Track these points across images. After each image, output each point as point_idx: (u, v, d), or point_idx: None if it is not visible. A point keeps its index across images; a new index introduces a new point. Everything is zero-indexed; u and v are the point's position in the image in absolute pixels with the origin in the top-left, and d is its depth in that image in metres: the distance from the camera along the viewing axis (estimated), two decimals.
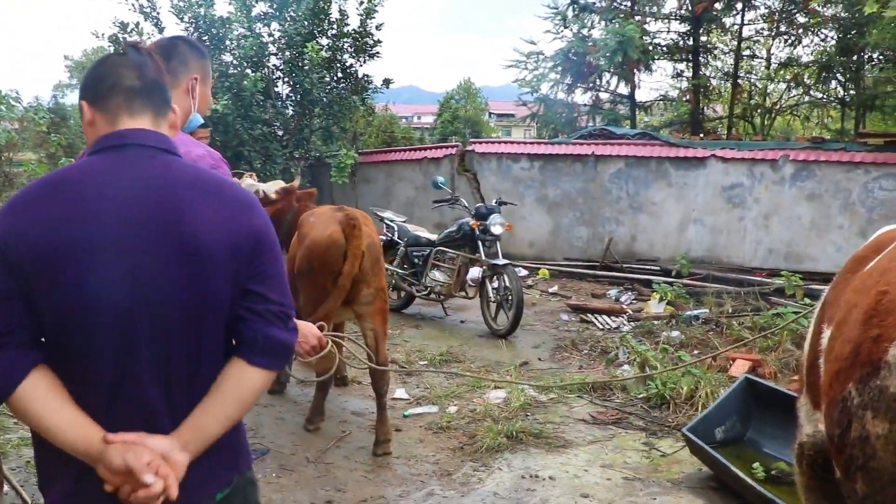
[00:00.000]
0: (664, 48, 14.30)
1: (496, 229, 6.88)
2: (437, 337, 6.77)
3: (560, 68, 13.89)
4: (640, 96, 14.84)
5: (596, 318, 7.39)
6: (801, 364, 2.13)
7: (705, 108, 15.20)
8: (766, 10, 13.96)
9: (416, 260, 7.49)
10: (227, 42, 10.33)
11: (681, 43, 14.31)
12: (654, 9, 14.28)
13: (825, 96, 14.84)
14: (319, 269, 3.94)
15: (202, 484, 1.47)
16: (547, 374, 5.60)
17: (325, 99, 10.87)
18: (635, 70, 13.70)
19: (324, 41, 10.84)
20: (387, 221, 7.80)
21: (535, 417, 4.65)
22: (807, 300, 6.91)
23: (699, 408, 4.52)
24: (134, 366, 1.38)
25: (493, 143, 11.70)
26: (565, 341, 6.55)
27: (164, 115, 1.53)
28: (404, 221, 7.98)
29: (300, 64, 10.49)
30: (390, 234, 7.62)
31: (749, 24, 14.16)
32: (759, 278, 8.27)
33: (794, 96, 15.22)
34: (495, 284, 6.86)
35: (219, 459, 1.49)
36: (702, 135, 12.13)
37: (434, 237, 7.50)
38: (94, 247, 1.34)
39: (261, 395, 1.54)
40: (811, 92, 14.69)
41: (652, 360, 5.24)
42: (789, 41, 14.25)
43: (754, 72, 15.61)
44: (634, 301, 8.15)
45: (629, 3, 13.78)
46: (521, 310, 6.58)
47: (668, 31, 14.36)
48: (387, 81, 11.48)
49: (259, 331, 1.46)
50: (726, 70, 15.06)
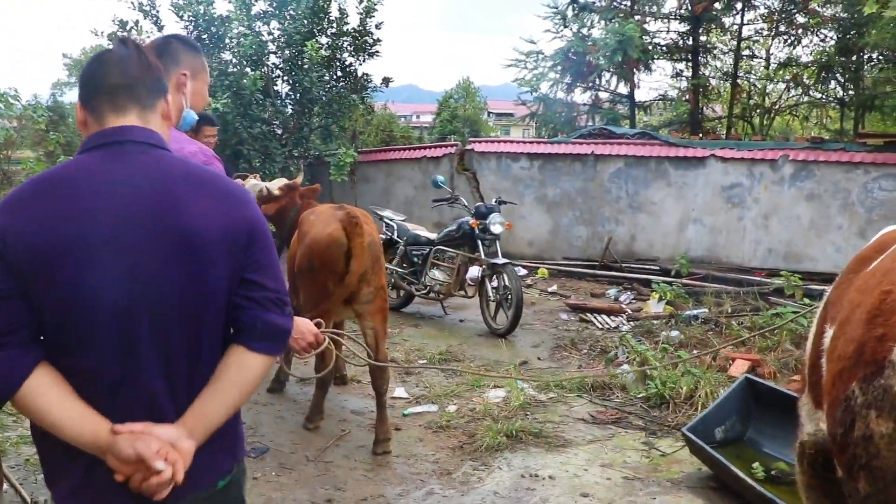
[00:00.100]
0: (664, 48, 14.29)
1: (496, 228, 6.87)
2: (436, 336, 6.76)
3: (560, 67, 13.88)
4: (639, 96, 14.86)
5: (595, 317, 7.39)
6: (803, 363, 2.13)
7: (704, 108, 15.20)
8: (766, 10, 13.97)
9: (416, 259, 7.48)
10: (227, 40, 10.31)
11: (680, 42, 14.31)
12: (654, 8, 14.28)
13: (824, 96, 14.84)
14: (320, 268, 3.94)
15: (206, 472, 1.50)
16: (546, 374, 5.60)
17: (324, 98, 10.86)
18: (635, 69, 13.70)
19: (323, 40, 10.84)
20: (386, 220, 7.79)
21: (534, 417, 4.65)
22: (806, 300, 6.92)
23: (699, 407, 4.52)
24: (136, 360, 1.39)
25: (492, 142, 11.68)
26: (564, 341, 6.56)
27: (151, 108, 1.52)
28: (404, 220, 7.97)
29: (300, 62, 10.48)
30: (390, 233, 7.61)
31: (748, 23, 14.18)
32: (758, 278, 8.27)
33: (794, 96, 15.22)
34: (495, 284, 6.85)
35: (220, 446, 1.52)
36: (700, 135, 12.13)
37: (433, 236, 7.49)
38: (91, 244, 1.34)
39: (261, 380, 1.56)
40: (810, 92, 14.69)
41: (651, 359, 5.24)
42: (789, 41, 14.26)
43: (753, 72, 15.61)
44: (634, 301, 8.15)
45: (629, 3, 13.77)
46: (521, 309, 6.57)
47: (668, 31, 14.38)
48: (386, 80, 11.48)
49: (258, 317, 1.49)
50: (726, 70, 15.06)
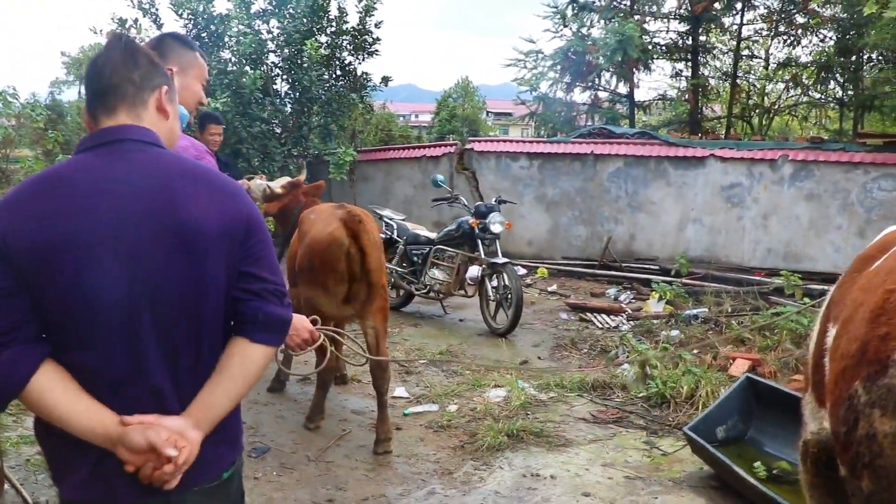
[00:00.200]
0: (663, 47, 14.29)
1: (496, 228, 6.87)
2: (436, 335, 6.76)
3: (559, 67, 13.88)
4: (638, 95, 14.85)
5: (595, 317, 7.39)
6: (806, 362, 2.13)
7: (704, 108, 15.20)
8: (766, 10, 13.96)
9: (416, 258, 7.48)
10: (226, 39, 10.29)
11: (680, 42, 14.31)
12: (654, 8, 14.28)
13: (823, 97, 14.85)
14: (320, 267, 3.94)
15: (211, 463, 1.52)
16: (547, 373, 5.60)
17: (323, 97, 10.86)
18: (634, 69, 13.70)
19: (323, 39, 10.84)
20: (386, 220, 7.79)
21: (535, 416, 4.65)
22: (806, 300, 6.93)
23: (699, 407, 4.52)
24: (139, 355, 1.41)
25: (492, 141, 11.67)
26: (565, 340, 6.56)
27: (143, 104, 1.52)
28: (403, 220, 7.97)
29: (299, 61, 10.47)
30: (389, 233, 7.61)
31: (748, 23, 14.18)
32: (757, 278, 8.27)
33: (793, 96, 15.22)
34: (495, 283, 6.85)
35: (224, 438, 1.55)
36: (700, 135, 12.13)
37: (433, 235, 7.49)
38: (90, 242, 1.36)
39: (264, 370, 1.59)
40: (810, 92, 14.69)
41: (652, 359, 5.24)
42: (788, 41, 14.26)
43: (753, 72, 15.61)
44: (633, 300, 8.16)
45: (628, 3, 13.76)
46: (521, 308, 6.57)
47: (668, 31, 14.37)
48: (385, 79, 11.47)
49: (259, 309, 1.52)
50: (725, 70, 15.06)
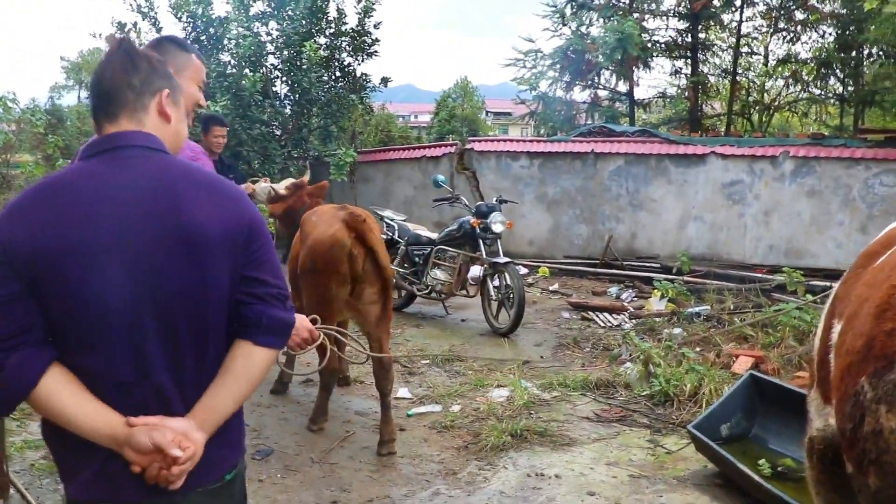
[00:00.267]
0: (662, 45, 14.27)
1: (497, 227, 6.87)
2: (438, 336, 6.76)
3: (558, 66, 13.86)
4: (638, 94, 14.82)
5: (597, 315, 7.39)
6: (812, 359, 2.12)
7: (704, 105, 15.18)
8: (765, 7, 13.94)
9: (417, 259, 7.47)
10: (225, 41, 10.30)
11: (679, 40, 14.29)
12: (653, 5, 14.26)
13: (823, 93, 14.82)
14: (323, 269, 3.93)
15: (215, 464, 1.54)
16: (549, 373, 5.59)
17: (323, 98, 10.86)
18: (634, 67, 13.67)
19: (322, 40, 10.84)
20: (387, 220, 7.78)
21: (538, 416, 4.64)
22: (808, 296, 6.91)
23: (703, 405, 4.52)
24: (144, 359, 1.43)
25: (492, 141, 11.66)
26: (567, 339, 6.56)
27: (143, 108, 1.53)
28: (404, 220, 7.96)
29: (298, 63, 10.47)
30: (391, 233, 7.60)
31: (747, 20, 14.16)
32: (759, 275, 8.26)
33: (793, 93, 15.20)
34: (496, 283, 6.85)
35: (227, 440, 1.57)
36: (701, 132, 12.11)
37: (434, 236, 7.49)
38: (94, 248, 1.37)
39: (267, 372, 1.61)
40: (810, 88, 14.67)
41: (656, 357, 5.23)
42: (788, 37, 14.23)
43: (752, 68, 15.59)
44: (635, 298, 8.14)
45: (627, 1, 13.75)
46: (523, 308, 6.56)
47: (667, 28, 14.34)
48: (385, 80, 11.47)
49: (262, 312, 1.53)
50: (725, 67, 15.04)
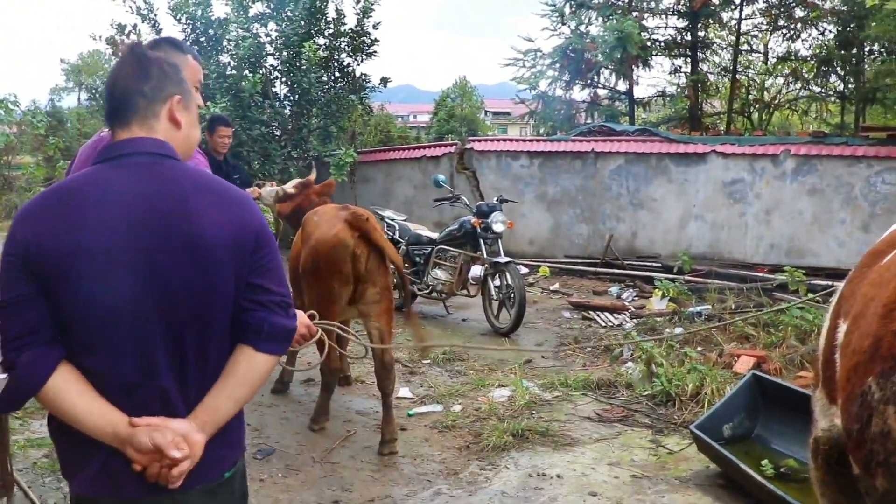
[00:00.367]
0: (662, 44, 14.24)
1: (498, 227, 6.86)
2: (439, 336, 6.74)
3: (558, 65, 13.82)
4: (638, 92, 14.78)
5: (598, 315, 7.37)
6: (816, 358, 2.10)
7: (703, 104, 15.16)
8: (765, 5, 13.91)
9: (418, 258, 7.47)
10: (225, 43, 10.31)
11: (679, 38, 14.26)
12: (652, 4, 14.23)
13: (824, 90, 14.79)
14: (325, 269, 3.92)
15: (215, 463, 1.57)
16: (551, 372, 5.58)
17: (322, 98, 10.85)
18: (633, 66, 13.65)
19: (321, 41, 10.83)
20: (387, 220, 7.77)
21: (540, 415, 4.63)
22: (810, 295, 6.89)
23: (705, 405, 4.50)
24: (150, 361, 1.47)
25: (492, 140, 11.64)
26: (568, 339, 6.55)
27: (154, 115, 1.57)
28: (405, 220, 7.96)
29: (298, 64, 10.47)
30: (391, 233, 7.59)
31: (747, 18, 14.13)
32: (761, 274, 8.24)
33: (793, 91, 15.17)
34: (497, 282, 6.84)
35: (227, 440, 1.60)
36: (701, 131, 12.09)
37: (435, 235, 7.48)
38: (102, 252, 1.42)
39: (267, 377, 1.65)
40: (810, 86, 14.64)
41: (657, 356, 5.22)
42: (788, 35, 14.19)
43: (752, 67, 15.57)
44: (636, 298, 8.13)
45: None
46: (524, 308, 6.56)
47: (666, 27, 14.30)
48: (384, 80, 11.46)
49: (265, 320, 1.56)
50: (724, 65, 15.02)
